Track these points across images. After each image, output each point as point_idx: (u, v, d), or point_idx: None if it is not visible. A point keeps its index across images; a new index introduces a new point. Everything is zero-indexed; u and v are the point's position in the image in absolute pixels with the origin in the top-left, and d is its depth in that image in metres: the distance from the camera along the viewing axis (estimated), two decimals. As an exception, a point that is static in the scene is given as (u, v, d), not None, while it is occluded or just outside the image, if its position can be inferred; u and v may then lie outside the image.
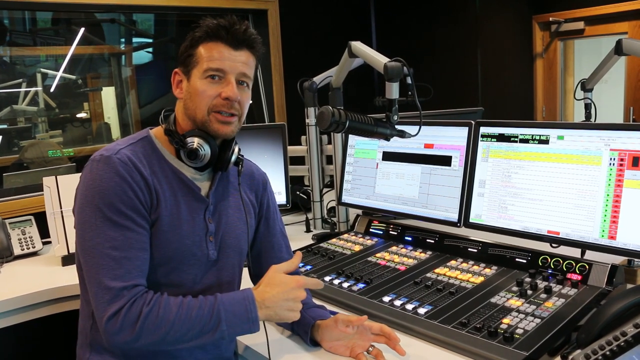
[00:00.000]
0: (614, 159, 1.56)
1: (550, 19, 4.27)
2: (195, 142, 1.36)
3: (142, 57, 5.41)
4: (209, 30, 1.35)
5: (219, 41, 1.35)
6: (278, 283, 1.31)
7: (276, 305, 1.29)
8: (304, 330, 1.44)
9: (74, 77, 4.87)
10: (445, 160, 1.96)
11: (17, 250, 2.30)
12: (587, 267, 1.59)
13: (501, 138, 1.82)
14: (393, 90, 1.64)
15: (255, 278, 1.60)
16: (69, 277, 1.99)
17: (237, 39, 1.36)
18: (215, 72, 1.34)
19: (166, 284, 1.35)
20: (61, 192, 2.22)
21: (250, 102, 1.51)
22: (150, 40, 5.26)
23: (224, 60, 1.35)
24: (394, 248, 2.00)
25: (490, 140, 1.84)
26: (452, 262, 1.82)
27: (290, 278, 1.32)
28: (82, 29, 4.43)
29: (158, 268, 1.34)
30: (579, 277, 1.58)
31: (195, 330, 1.23)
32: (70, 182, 2.23)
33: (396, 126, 1.67)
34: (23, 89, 4.52)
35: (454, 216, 1.91)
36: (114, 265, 1.23)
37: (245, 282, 1.58)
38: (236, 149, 1.46)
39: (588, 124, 1.73)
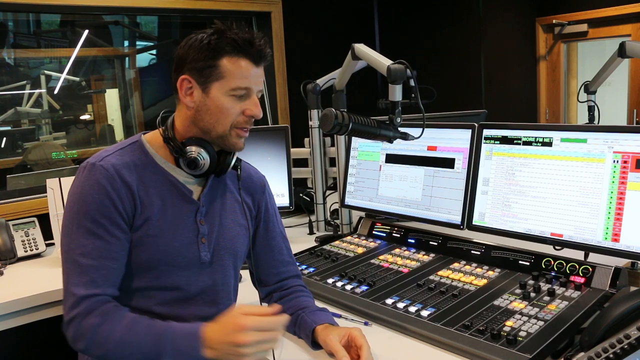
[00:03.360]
0: (617, 162, 1.56)
1: (554, 21, 4.28)
2: (195, 151, 1.36)
3: (146, 59, 5.42)
4: (236, 44, 1.31)
5: (246, 57, 1.33)
6: (223, 323, 1.19)
7: (221, 349, 1.17)
8: (305, 334, 1.44)
9: (77, 79, 4.89)
10: (448, 163, 1.96)
11: (20, 252, 2.30)
12: (591, 269, 1.58)
13: (504, 140, 1.82)
14: (396, 93, 1.64)
15: (256, 280, 1.60)
16: (73, 278, 1.99)
17: (260, 55, 1.35)
18: (244, 90, 1.34)
19: (159, 288, 1.36)
20: (64, 194, 2.23)
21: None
22: (154, 43, 5.28)
23: (250, 78, 1.34)
24: (397, 250, 2.00)
25: (494, 143, 1.84)
26: (455, 265, 1.82)
27: (232, 319, 1.18)
28: (86, 31, 4.45)
29: (148, 272, 1.34)
30: (582, 280, 1.58)
31: (137, 357, 1.22)
32: (73, 184, 2.23)
33: (399, 128, 1.67)
34: (27, 91, 4.54)
35: (457, 218, 1.91)
36: (80, 272, 1.25)
37: (248, 285, 1.58)
38: (235, 154, 1.46)
39: (591, 127, 1.73)
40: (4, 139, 4.54)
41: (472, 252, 1.85)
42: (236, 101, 1.34)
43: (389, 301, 1.60)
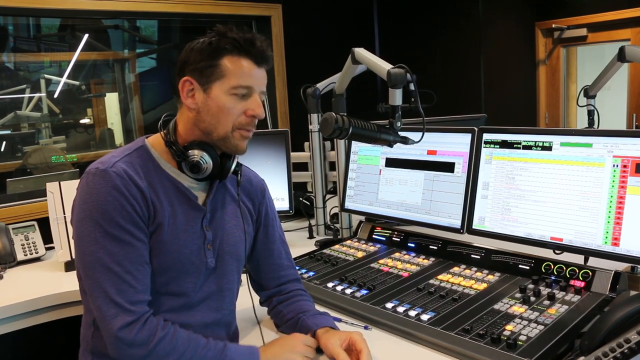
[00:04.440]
0: (617, 166, 1.56)
1: (553, 25, 4.29)
2: (197, 155, 1.34)
3: (146, 63, 5.43)
4: (237, 43, 1.31)
5: (247, 56, 1.32)
6: (281, 344, 1.37)
7: None
8: None
9: (77, 83, 4.89)
10: (448, 167, 1.96)
11: (20, 256, 2.30)
12: (591, 273, 1.58)
13: (504, 144, 1.82)
14: (396, 97, 1.64)
15: (255, 284, 1.60)
16: (72, 282, 1.97)
17: (262, 56, 1.34)
18: (245, 89, 1.33)
19: (167, 293, 1.35)
20: (64, 197, 2.23)
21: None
22: (154, 47, 5.29)
23: (251, 77, 1.33)
24: (397, 254, 2.00)
25: (494, 147, 1.84)
26: (455, 269, 1.81)
27: (292, 340, 1.38)
28: (86, 35, 4.46)
29: (157, 278, 1.33)
30: (583, 284, 1.58)
31: None
32: (73, 188, 2.18)
33: (399, 132, 1.68)
34: (27, 95, 4.55)
35: (457, 222, 1.91)
36: (118, 280, 1.24)
37: (246, 287, 1.58)
38: (236, 158, 1.45)
39: (591, 131, 1.74)
40: (4, 142, 4.54)
41: (472, 256, 1.85)
42: (237, 100, 1.33)
43: (389, 305, 1.60)
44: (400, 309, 1.56)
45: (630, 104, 4.13)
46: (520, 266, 1.72)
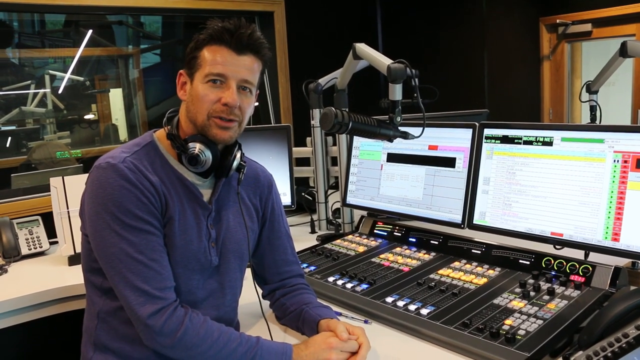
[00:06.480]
0: (618, 161, 1.56)
1: (558, 21, 4.27)
2: (196, 147, 1.35)
3: (150, 58, 5.44)
4: (213, 33, 1.33)
5: (223, 45, 1.33)
6: (313, 343, 1.34)
7: None
8: (310, 327, 1.45)
9: (82, 78, 4.91)
10: (449, 162, 1.96)
11: (24, 250, 2.32)
12: (591, 269, 1.58)
13: (505, 140, 1.82)
14: (396, 92, 1.64)
15: (258, 278, 1.61)
16: (75, 276, 2.00)
17: (241, 43, 1.34)
18: (217, 77, 1.33)
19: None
20: (68, 192, 2.24)
21: (256, 103, 1.50)
22: (158, 42, 5.30)
23: (226, 65, 1.33)
24: (398, 249, 2.00)
25: (494, 142, 1.84)
26: (456, 264, 1.82)
27: (323, 339, 1.34)
28: (90, 31, 4.47)
29: None
30: (582, 279, 1.58)
31: None
32: (77, 183, 2.24)
33: (399, 127, 1.68)
34: (32, 91, 4.56)
35: (457, 217, 1.91)
36: (143, 269, 1.25)
37: (249, 284, 1.59)
38: (238, 155, 1.44)
39: (591, 126, 1.73)
40: (9, 138, 4.56)
41: (473, 251, 1.85)
42: (212, 88, 1.33)
43: (389, 299, 1.60)
44: (400, 303, 1.57)
45: (635, 99, 4.11)
46: (520, 261, 1.73)
